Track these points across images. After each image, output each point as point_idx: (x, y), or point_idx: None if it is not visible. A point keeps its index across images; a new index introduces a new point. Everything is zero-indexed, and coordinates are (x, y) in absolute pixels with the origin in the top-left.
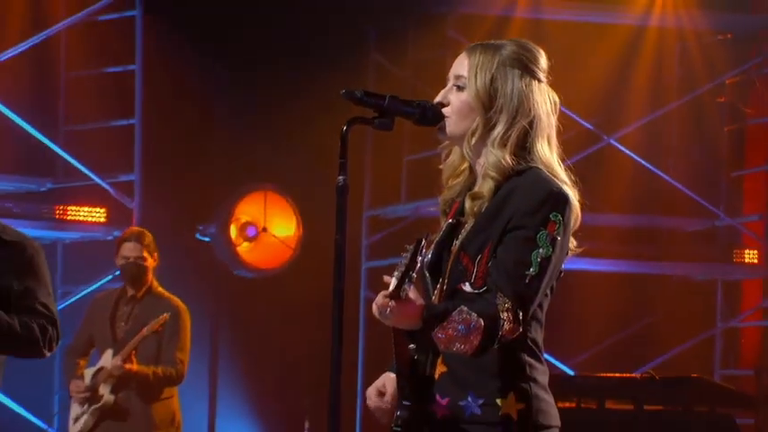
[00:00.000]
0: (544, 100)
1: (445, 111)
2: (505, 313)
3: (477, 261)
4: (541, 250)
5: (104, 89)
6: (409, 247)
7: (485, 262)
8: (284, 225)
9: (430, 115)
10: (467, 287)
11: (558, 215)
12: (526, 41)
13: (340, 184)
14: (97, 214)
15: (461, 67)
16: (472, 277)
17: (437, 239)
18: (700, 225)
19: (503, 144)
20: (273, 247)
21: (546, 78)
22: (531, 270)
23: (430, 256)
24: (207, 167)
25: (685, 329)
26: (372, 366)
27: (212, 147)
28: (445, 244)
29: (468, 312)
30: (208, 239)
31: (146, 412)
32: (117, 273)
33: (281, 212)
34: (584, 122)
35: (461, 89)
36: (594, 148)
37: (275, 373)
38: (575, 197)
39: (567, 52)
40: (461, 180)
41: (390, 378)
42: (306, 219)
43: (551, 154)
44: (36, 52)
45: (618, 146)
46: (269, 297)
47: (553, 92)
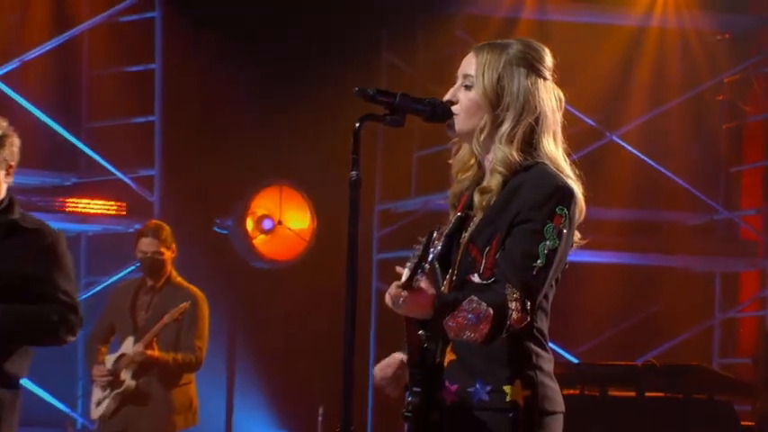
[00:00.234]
0: (549, 97)
1: (454, 108)
2: (514, 303)
3: (486, 253)
4: (548, 242)
5: (125, 87)
6: (422, 240)
7: (493, 254)
8: (299, 218)
9: (440, 112)
10: (475, 278)
11: (564, 209)
12: (532, 41)
13: (353, 178)
14: (119, 208)
15: (469, 66)
16: (481, 268)
17: (446, 232)
18: (699, 219)
19: (510, 140)
20: (288, 240)
21: (551, 76)
22: (538, 262)
23: (440, 247)
24: (224, 163)
25: (685, 319)
26: (384, 354)
27: (229, 143)
28: (454, 236)
29: (478, 302)
30: (225, 232)
31: (165, 397)
32: (138, 264)
33: (295, 206)
34: (588, 119)
35: (470, 88)
36: (598, 144)
37: (290, 361)
38: (579, 191)
39: (572, 52)
40: (470, 174)
41: (396, 355)
42: (319, 212)
43: (557, 149)
44: (60, 52)
45: (620, 142)
46: (284, 288)
47: (558, 89)
